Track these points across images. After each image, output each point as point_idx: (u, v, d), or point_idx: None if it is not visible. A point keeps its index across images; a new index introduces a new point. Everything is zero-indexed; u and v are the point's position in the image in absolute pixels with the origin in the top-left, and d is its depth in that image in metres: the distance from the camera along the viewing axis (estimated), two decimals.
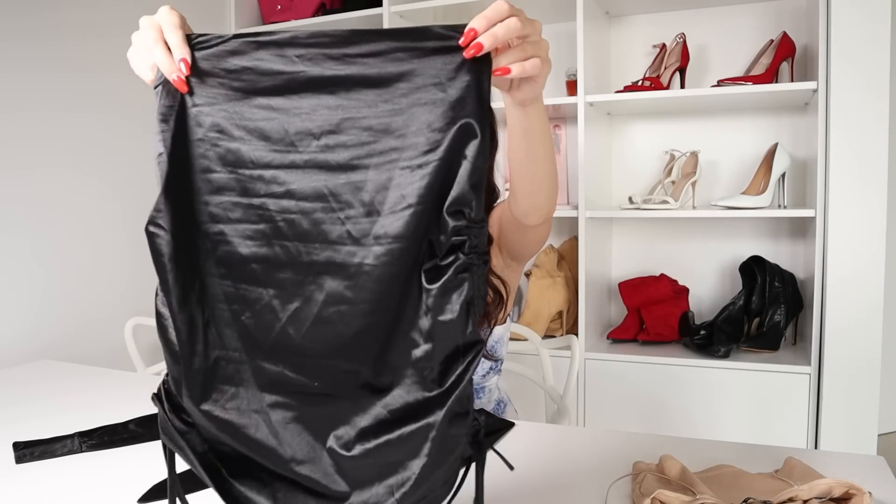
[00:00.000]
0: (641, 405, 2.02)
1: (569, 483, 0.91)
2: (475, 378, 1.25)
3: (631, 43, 2.31)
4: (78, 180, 1.99)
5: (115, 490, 0.90)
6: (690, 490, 0.80)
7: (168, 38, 0.66)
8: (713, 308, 2.23)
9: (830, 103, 1.78)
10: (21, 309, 1.83)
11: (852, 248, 1.78)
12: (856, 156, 1.76)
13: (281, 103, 0.59)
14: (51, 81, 1.90)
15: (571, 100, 2.10)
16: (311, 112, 0.58)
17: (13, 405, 1.31)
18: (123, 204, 2.13)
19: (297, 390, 0.62)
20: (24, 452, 1.01)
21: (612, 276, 2.38)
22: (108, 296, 2.07)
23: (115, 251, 2.11)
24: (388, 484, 0.59)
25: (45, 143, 1.89)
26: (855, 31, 1.73)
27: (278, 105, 0.59)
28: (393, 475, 0.59)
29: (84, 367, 1.63)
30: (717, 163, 2.23)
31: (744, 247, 2.22)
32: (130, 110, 2.14)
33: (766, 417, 1.90)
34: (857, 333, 1.78)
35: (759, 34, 2.14)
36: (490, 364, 1.29)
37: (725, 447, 1.02)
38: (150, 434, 1.09)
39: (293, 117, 0.58)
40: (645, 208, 2.05)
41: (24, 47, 1.83)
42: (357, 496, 0.60)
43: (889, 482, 0.87)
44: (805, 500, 0.75)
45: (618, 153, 2.37)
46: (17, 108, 1.82)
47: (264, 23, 2.56)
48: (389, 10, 2.27)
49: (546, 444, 1.05)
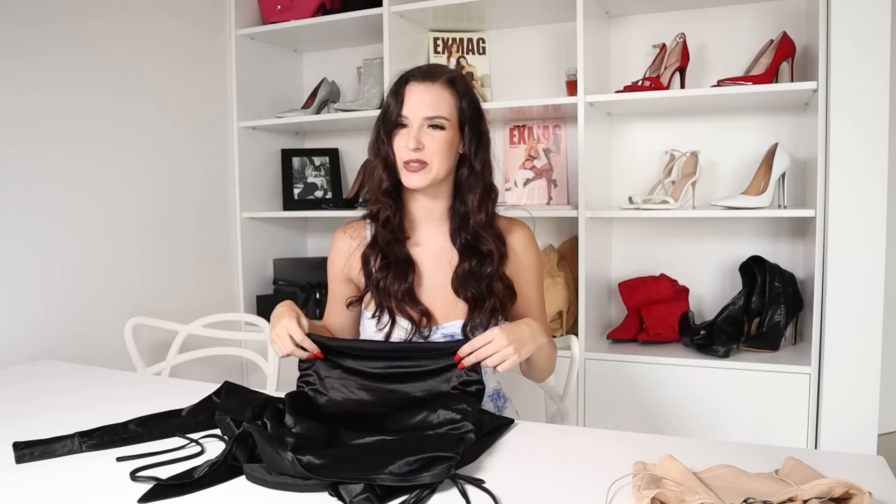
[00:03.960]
0: (641, 405, 2.02)
1: (569, 483, 0.91)
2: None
3: (631, 43, 2.31)
4: (78, 181, 1.99)
5: (115, 490, 0.90)
6: (690, 490, 0.80)
7: (302, 345, 1.18)
8: (713, 308, 2.23)
9: (830, 103, 1.78)
10: (21, 309, 1.83)
11: (852, 248, 1.78)
12: (856, 156, 1.75)
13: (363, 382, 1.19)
14: (50, 66, 1.90)
15: (571, 100, 2.10)
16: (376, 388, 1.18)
17: (14, 405, 1.31)
18: (124, 204, 2.13)
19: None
20: (24, 452, 1.01)
21: (612, 276, 2.38)
22: (108, 296, 2.07)
23: (116, 251, 2.11)
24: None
25: (45, 142, 1.89)
26: (855, 31, 1.73)
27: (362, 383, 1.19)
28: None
29: (84, 367, 1.63)
30: (717, 163, 2.23)
31: (744, 247, 2.22)
32: (132, 112, 2.14)
33: (766, 417, 1.90)
34: (857, 333, 1.78)
35: (759, 34, 2.14)
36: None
37: (725, 447, 1.02)
38: (150, 434, 1.10)
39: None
40: (645, 208, 2.05)
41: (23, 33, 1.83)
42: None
43: (889, 482, 0.87)
44: (805, 500, 0.75)
45: (618, 153, 2.37)
46: (16, 108, 1.82)
47: (264, 23, 2.56)
48: (389, 10, 2.27)
49: (546, 444, 1.05)
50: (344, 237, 1.37)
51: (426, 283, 1.31)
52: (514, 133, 2.48)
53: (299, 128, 2.73)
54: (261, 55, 2.62)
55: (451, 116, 1.24)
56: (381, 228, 1.30)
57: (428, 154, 1.22)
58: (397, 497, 0.85)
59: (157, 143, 2.25)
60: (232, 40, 2.52)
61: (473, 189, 1.28)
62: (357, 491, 0.84)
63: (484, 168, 1.29)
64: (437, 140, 1.23)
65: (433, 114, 1.22)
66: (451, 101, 1.25)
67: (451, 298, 1.29)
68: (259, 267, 2.66)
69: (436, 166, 1.23)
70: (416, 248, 1.32)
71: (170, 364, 1.83)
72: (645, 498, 0.78)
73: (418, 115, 1.22)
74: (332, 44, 2.70)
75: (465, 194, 1.29)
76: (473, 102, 1.28)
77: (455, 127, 1.25)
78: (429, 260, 1.32)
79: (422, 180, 1.23)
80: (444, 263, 1.31)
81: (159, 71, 2.25)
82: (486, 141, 1.30)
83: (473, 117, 1.28)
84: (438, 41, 2.46)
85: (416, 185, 1.24)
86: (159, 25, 2.24)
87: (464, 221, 1.29)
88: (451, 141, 1.25)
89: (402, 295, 1.27)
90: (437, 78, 1.25)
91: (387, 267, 1.28)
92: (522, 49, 2.45)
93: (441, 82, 1.25)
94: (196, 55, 2.40)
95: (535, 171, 2.45)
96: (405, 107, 1.23)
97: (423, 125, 1.22)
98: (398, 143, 1.24)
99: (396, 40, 2.30)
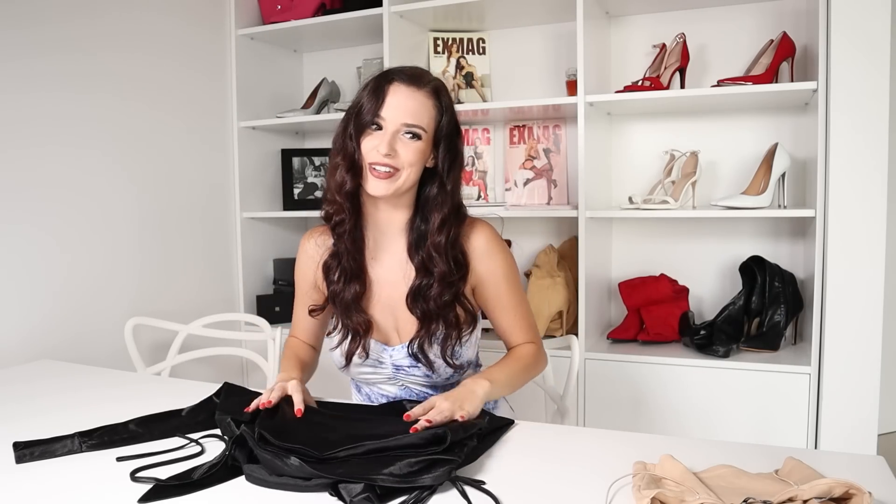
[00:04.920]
0: (641, 405, 2.02)
1: (569, 483, 0.91)
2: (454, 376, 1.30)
3: (631, 43, 2.31)
4: (78, 181, 1.99)
5: (115, 490, 0.90)
6: (690, 490, 0.80)
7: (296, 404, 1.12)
8: (713, 308, 2.23)
9: (830, 103, 1.78)
10: (21, 309, 1.83)
11: (852, 248, 1.78)
12: (856, 156, 1.75)
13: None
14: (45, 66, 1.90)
15: (571, 100, 2.10)
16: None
17: (14, 405, 1.31)
18: (124, 204, 2.13)
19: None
20: (24, 452, 1.01)
21: (612, 276, 2.38)
22: (108, 296, 2.07)
23: (116, 251, 2.11)
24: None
25: (45, 142, 1.89)
26: (855, 31, 1.73)
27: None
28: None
29: (84, 367, 1.63)
30: (717, 163, 2.23)
31: (744, 247, 2.22)
32: (132, 112, 2.14)
33: (766, 417, 1.90)
34: (857, 333, 1.78)
35: (759, 34, 2.14)
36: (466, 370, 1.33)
37: (725, 447, 1.02)
38: (150, 434, 1.10)
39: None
40: (645, 208, 2.05)
41: (14, 35, 1.83)
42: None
43: (889, 482, 0.87)
44: (805, 500, 0.75)
45: (618, 153, 2.37)
46: (17, 108, 1.82)
47: (264, 23, 2.56)
48: (389, 10, 2.27)
49: (546, 444, 1.05)
50: (310, 243, 1.31)
51: (380, 297, 1.27)
52: (514, 133, 2.48)
53: (299, 128, 2.73)
54: (261, 55, 2.62)
55: (428, 128, 1.18)
56: (337, 235, 1.24)
57: (399, 161, 1.16)
58: (397, 497, 0.85)
59: (158, 143, 2.25)
60: (232, 40, 2.52)
61: (440, 207, 1.21)
62: (357, 491, 0.84)
63: (455, 188, 1.22)
64: (412, 149, 1.16)
65: (413, 121, 1.16)
66: (433, 113, 1.19)
67: (407, 316, 1.25)
68: (259, 267, 2.66)
69: (404, 175, 1.17)
70: (372, 261, 1.27)
71: (170, 364, 1.83)
72: (645, 498, 0.78)
73: (396, 120, 1.15)
74: (332, 44, 2.70)
75: (429, 211, 1.22)
76: (453, 119, 1.23)
77: (429, 139, 1.19)
78: (386, 273, 1.27)
79: (387, 188, 1.16)
80: (400, 278, 1.26)
81: (159, 71, 2.25)
82: (460, 161, 1.25)
83: (451, 134, 1.22)
84: (438, 41, 2.46)
85: (380, 193, 1.17)
86: (159, 25, 2.24)
87: (422, 238, 1.23)
88: (423, 152, 1.18)
89: (347, 304, 1.23)
90: (423, 85, 1.18)
91: (341, 276, 1.24)
92: (522, 49, 2.45)
93: (427, 91, 1.18)
94: (196, 55, 2.40)
95: (535, 171, 2.45)
96: (385, 108, 1.15)
97: (399, 130, 1.16)
98: (368, 143, 1.16)
99: (396, 40, 2.30)
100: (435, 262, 1.21)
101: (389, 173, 1.16)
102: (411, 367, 1.27)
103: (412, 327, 1.25)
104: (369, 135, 1.17)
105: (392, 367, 1.28)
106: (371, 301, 1.27)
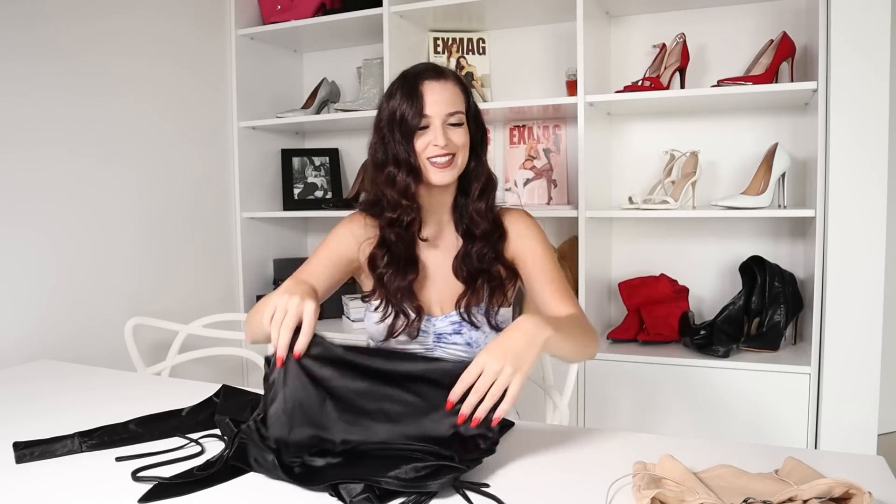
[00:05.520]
0: (641, 405, 2.02)
1: (569, 483, 0.91)
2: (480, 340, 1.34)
3: (631, 43, 2.31)
4: (78, 181, 1.99)
5: (115, 490, 0.90)
6: (690, 490, 0.80)
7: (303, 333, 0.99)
8: (713, 308, 2.23)
9: (830, 103, 1.78)
10: (21, 309, 1.83)
11: (852, 248, 1.78)
12: (856, 156, 1.75)
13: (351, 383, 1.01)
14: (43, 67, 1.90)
15: (571, 100, 2.10)
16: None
17: (13, 405, 1.31)
18: (124, 204, 2.13)
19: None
20: (24, 452, 1.01)
21: (612, 276, 2.38)
22: (108, 296, 2.07)
23: (116, 251, 2.11)
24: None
25: (45, 142, 1.89)
26: (855, 31, 1.73)
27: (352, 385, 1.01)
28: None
29: (84, 367, 1.63)
30: (717, 163, 2.23)
31: (744, 247, 2.22)
32: (132, 112, 2.14)
33: (766, 417, 1.90)
34: (857, 333, 1.78)
35: (759, 34, 2.14)
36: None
37: (725, 447, 1.02)
38: (150, 434, 1.10)
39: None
40: (645, 208, 2.05)
41: (13, 35, 1.83)
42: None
43: (889, 482, 0.87)
44: (805, 500, 0.75)
45: (618, 153, 2.37)
46: (17, 109, 1.82)
47: (264, 23, 2.56)
48: (389, 10, 2.27)
49: (546, 444, 1.05)
50: (361, 224, 1.35)
51: (434, 273, 1.34)
52: (514, 133, 2.48)
53: (299, 128, 2.73)
54: (261, 55, 2.62)
55: (464, 111, 1.28)
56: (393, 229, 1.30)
57: (454, 147, 1.26)
58: (397, 497, 0.85)
59: (157, 143, 2.25)
60: (232, 40, 2.52)
61: (478, 177, 1.32)
62: (357, 491, 0.85)
63: (485, 158, 1.35)
64: (460, 134, 1.26)
65: (453, 110, 1.25)
66: (462, 97, 1.28)
67: (451, 285, 1.33)
68: (259, 267, 2.66)
69: (460, 158, 1.27)
70: (425, 244, 1.35)
71: (170, 364, 1.83)
72: (645, 498, 0.78)
73: (440, 113, 1.24)
74: (332, 44, 2.70)
75: (469, 184, 1.33)
76: (473, 99, 1.34)
77: (466, 122, 1.29)
78: (435, 251, 1.35)
79: (451, 175, 1.26)
80: (449, 252, 1.35)
81: (159, 71, 2.25)
82: (485, 133, 1.36)
83: (476, 112, 1.33)
84: (438, 41, 2.46)
85: (447, 181, 1.26)
86: (159, 26, 2.24)
87: (465, 209, 1.34)
88: (467, 133, 1.29)
89: (401, 293, 1.29)
90: (447, 75, 1.28)
91: (392, 263, 1.30)
92: (522, 49, 2.45)
93: (452, 80, 1.28)
94: (196, 55, 2.40)
95: (535, 171, 2.45)
96: (427, 106, 1.23)
97: (445, 121, 1.25)
98: (421, 142, 1.25)
99: (396, 40, 2.30)
100: (477, 223, 1.32)
101: (449, 161, 1.25)
102: (454, 334, 1.32)
103: (455, 295, 1.32)
104: (420, 136, 1.25)
105: (434, 335, 1.33)
106: (420, 282, 1.34)
